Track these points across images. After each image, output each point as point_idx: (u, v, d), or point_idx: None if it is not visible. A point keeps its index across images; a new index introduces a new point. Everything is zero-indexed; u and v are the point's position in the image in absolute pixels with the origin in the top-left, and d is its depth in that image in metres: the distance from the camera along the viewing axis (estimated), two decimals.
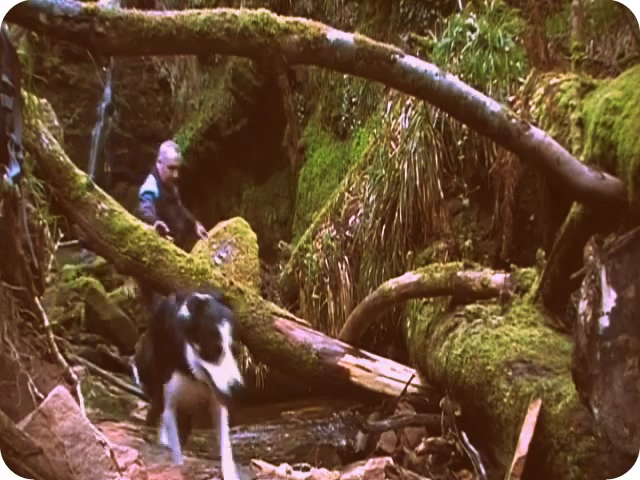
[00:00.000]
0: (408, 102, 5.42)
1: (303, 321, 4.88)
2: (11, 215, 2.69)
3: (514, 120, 2.59)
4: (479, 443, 3.27)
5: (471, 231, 4.87)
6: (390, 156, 5.40)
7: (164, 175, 5.74)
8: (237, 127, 10.41)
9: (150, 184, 5.77)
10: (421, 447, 3.54)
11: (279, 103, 2.69)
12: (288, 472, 3.36)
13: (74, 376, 3.01)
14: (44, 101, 5.03)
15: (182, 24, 2.39)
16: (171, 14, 2.43)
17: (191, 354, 2.91)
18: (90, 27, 2.30)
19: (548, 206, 4.35)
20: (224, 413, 3.20)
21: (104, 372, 6.09)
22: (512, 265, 3.63)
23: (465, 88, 2.64)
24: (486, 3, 5.43)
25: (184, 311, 2.92)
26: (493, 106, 2.60)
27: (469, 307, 3.62)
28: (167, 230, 5.01)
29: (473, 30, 5.19)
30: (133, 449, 2.86)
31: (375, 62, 2.53)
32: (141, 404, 5.75)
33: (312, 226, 6.62)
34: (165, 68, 12.72)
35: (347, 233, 5.92)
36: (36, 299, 2.92)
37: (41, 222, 3.28)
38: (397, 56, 2.55)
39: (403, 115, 5.43)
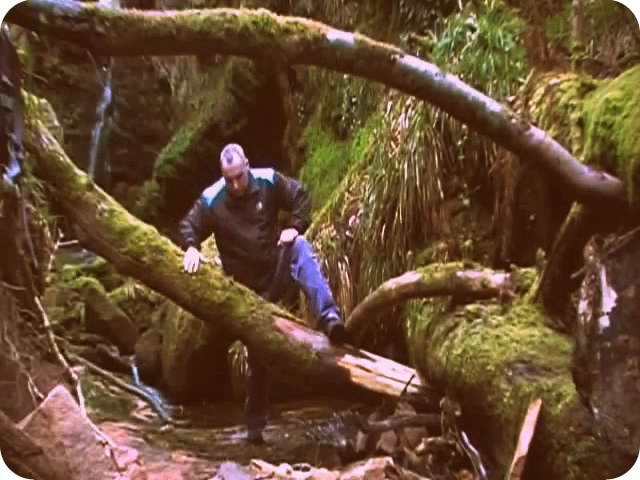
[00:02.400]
0: (408, 102, 5.42)
1: (303, 321, 4.88)
2: (11, 215, 2.69)
3: (514, 120, 2.59)
4: (479, 443, 3.27)
5: (471, 231, 4.87)
6: (390, 156, 5.40)
7: (228, 185, 4.94)
8: (237, 127, 10.41)
9: (212, 189, 5.05)
10: (421, 447, 3.54)
11: (279, 103, 2.70)
12: (288, 472, 3.36)
13: (74, 376, 3.02)
14: (44, 101, 5.03)
15: (182, 24, 2.39)
16: (171, 14, 2.43)
17: None
18: (90, 27, 2.30)
19: (548, 206, 4.35)
20: None
21: (104, 372, 6.10)
22: (512, 265, 3.63)
23: (465, 88, 2.64)
24: (486, 3, 5.43)
25: None
26: (493, 106, 2.61)
27: (469, 307, 3.62)
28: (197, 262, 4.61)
29: (473, 30, 5.19)
30: (133, 449, 2.87)
31: (375, 62, 2.54)
32: (141, 404, 5.76)
33: (312, 226, 6.62)
34: (165, 68, 12.73)
35: (347, 233, 5.92)
36: (36, 299, 2.93)
37: (41, 222, 3.28)
38: (397, 56, 2.55)
39: (403, 115, 5.43)
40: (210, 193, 4.99)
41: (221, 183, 4.99)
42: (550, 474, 2.52)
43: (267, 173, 5.03)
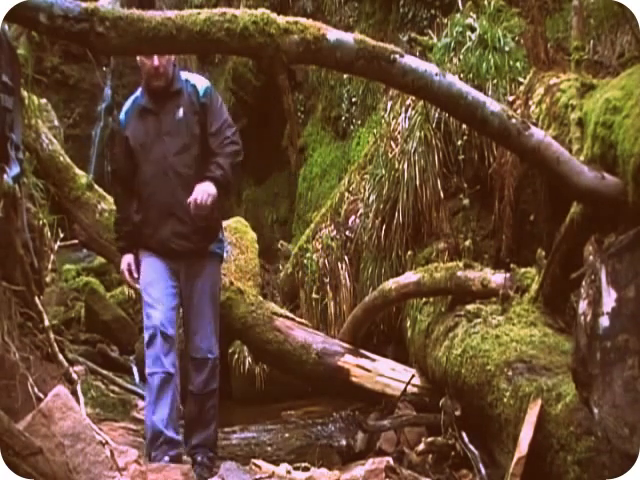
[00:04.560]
0: (408, 102, 5.42)
1: (303, 321, 4.89)
2: (11, 215, 2.69)
3: (514, 120, 2.59)
4: (479, 443, 3.27)
5: (471, 231, 4.88)
6: (390, 156, 5.40)
7: (147, 71, 3.74)
8: (237, 127, 10.40)
9: (125, 104, 3.96)
10: (421, 447, 3.55)
11: (279, 103, 2.69)
12: (288, 472, 3.37)
13: (74, 376, 3.02)
14: (44, 101, 5.04)
15: (182, 24, 2.39)
16: (171, 14, 2.43)
17: None
18: (90, 27, 2.30)
19: (548, 206, 4.35)
20: None
21: (104, 372, 6.09)
22: (512, 265, 3.63)
23: (465, 88, 2.63)
24: (486, 3, 5.43)
25: None
26: (493, 106, 2.60)
27: (469, 307, 3.63)
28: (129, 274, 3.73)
29: (473, 30, 5.19)
30: (133, 449, 2.87)
31: (375, 62, 2.53)
32: (141, 404, 5.76)
33: (312, 226, 6.63)
34: None
35: (347, 233, 5.93)
36: (36, 299, 2.93)
37: (41, 222, 3.28)
38: (397, 56, 2.55)
39: (403, 115, 5.44)
40: (124, 108, 3.92)
41: (135, 94, 3.93)
42: (550, 474, 2.52)
43: (198, 79, 3.84)
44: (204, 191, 3.51)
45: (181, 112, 3.68)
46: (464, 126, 4.74)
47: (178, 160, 3.66)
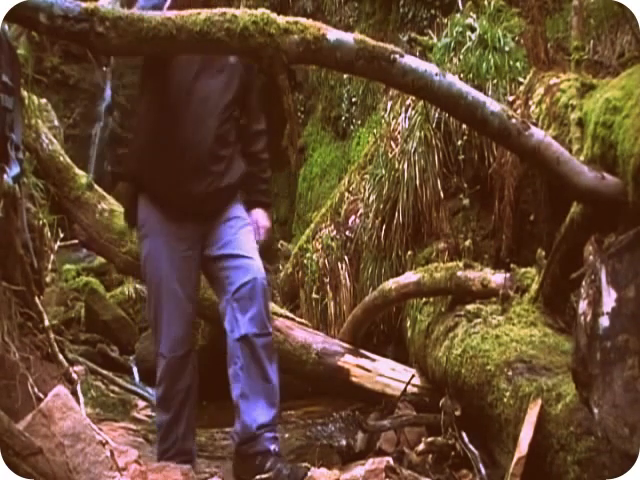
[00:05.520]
0: (408, 102, 5.42)
1: (303, 321, 4.88)
2: (11, 215, 2.69)
3: (514, 120, 2.59)
4: (479, 443, 3.27)
5: (471, 231, 4.88)
6: (390, 156, 5.40)
7: None
8: None
9: None
10: (421, 447, 3.54)
11: (279, 103, 2.69)
12: None
13: (74, 376, 3.02)
14: (44, 101, 5.04)
15: (182, 24, 2.39)
16: (171, 14, 2.43)
17: None
18: (90, 27, 2.30)
19: (548, 206, 4.35)
20: None
21: (104, 372, 6.10)
22: (512, 265, 3.63)
23: (465, 88, 2.63)
24: (486, 3, 5.43)
25: None
26: (493, 106, 2.60)
27: (469, 307, 3.62)
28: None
29: (473, 30, 5.20)
30: (133, 449, 2.86)
31: (375, 62, 2.53)
32: (141, 404, 5.76)
33: (312, 226, 6.63)
34: None
35: (347, 233, 5.93)
36: (36, 299, 2.93)
37: (41, 222, 3.28)
38: (397, 56, 2.55)
39: (403, 115, 5.44)
40: None
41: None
42: (550, 474, 2.52)
43: None
44: (267, 231, 3.49)
45: (232, 58, 3.22)
46: (464, 126, 4.74)
47: (223, 109, 3.18)
